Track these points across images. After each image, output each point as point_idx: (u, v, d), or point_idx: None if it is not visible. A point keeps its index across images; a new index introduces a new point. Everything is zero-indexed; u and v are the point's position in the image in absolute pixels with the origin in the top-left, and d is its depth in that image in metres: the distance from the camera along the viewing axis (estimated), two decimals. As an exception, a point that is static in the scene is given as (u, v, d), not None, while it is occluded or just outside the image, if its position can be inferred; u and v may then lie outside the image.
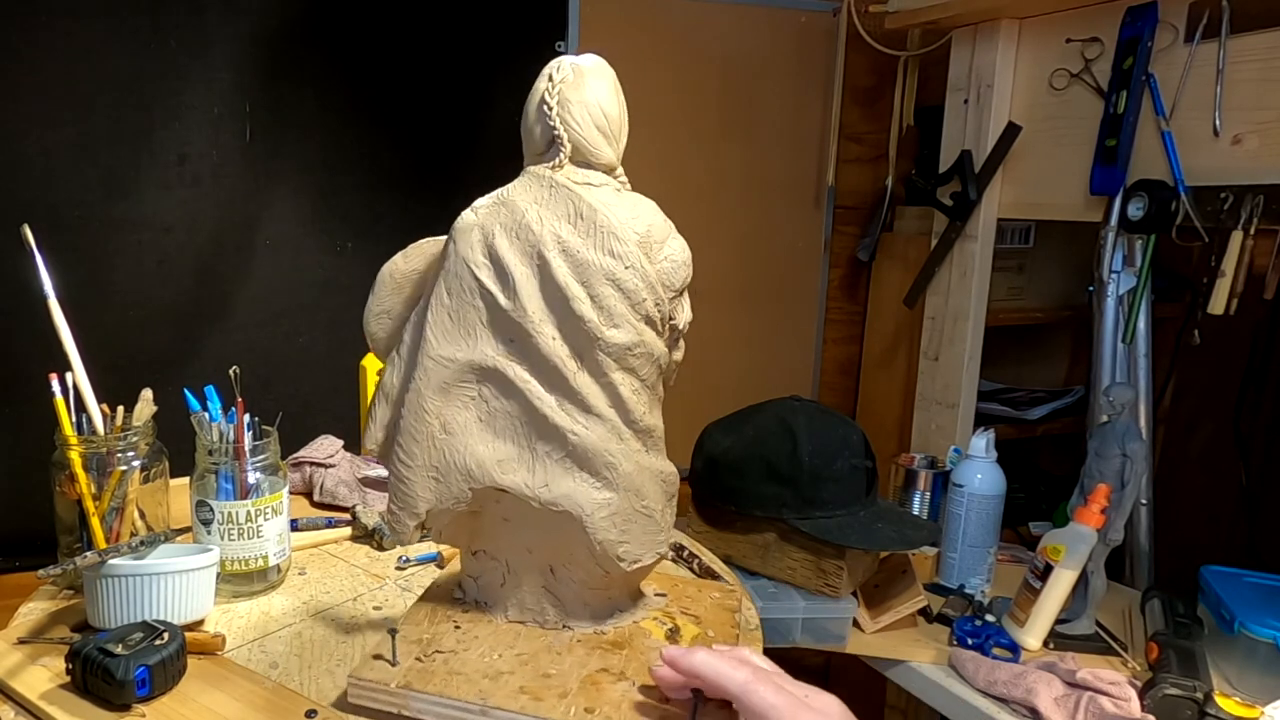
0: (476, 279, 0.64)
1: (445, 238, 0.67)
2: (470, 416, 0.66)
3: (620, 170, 0.69)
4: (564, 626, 0.71)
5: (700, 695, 0.58)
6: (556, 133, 0.64)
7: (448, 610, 0.72)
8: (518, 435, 0.66)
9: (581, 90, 0.65)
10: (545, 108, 0.64)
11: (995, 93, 1.44)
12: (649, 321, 0.65)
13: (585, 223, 0.63)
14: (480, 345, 0.65)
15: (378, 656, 0.65)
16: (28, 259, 0.83)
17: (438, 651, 0.66)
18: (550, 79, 0.65)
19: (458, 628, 0.70)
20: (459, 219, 0.66)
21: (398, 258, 0.70)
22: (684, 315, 0.72)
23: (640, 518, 0.66)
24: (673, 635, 0.72)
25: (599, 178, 0.67)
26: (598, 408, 0.64)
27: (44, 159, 1.24)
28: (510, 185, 0.66)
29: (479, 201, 0.66)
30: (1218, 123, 1.15)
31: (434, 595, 0.75)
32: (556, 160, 0.65)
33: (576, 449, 0.64)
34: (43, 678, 0.69)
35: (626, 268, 0.63)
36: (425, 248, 0.70)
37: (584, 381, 0.64)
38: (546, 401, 0.64)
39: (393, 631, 0.65)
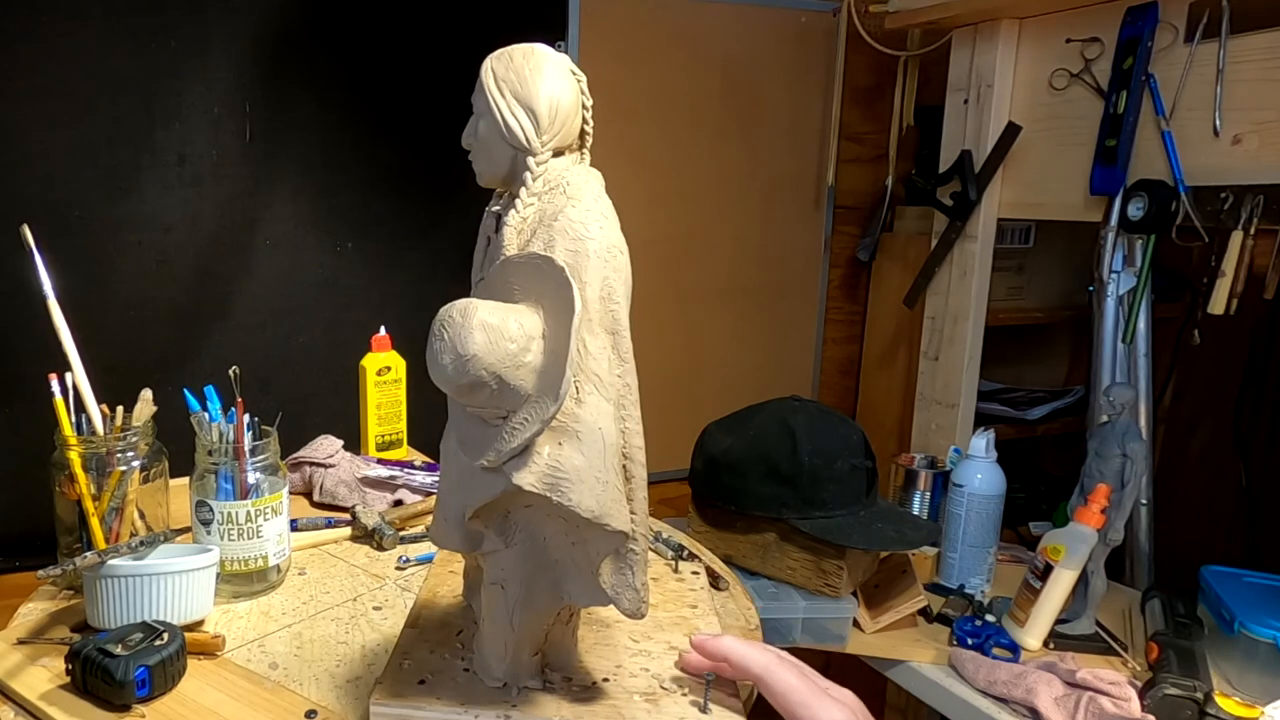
0: (610, 288, 0.59)
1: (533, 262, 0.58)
2: None
3: None
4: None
5: (712, 678, 0.61)
6: (588, 130, 0.64)
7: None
8: None
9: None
10: (585, 100, 0.62)
11: (995, 93, 1.44)
12: None
13: (612, 222, 0.64)
14: (612, 356, 0.59)
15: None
16: (28, 259, 0.83)
17: (621, 676, 0.63)
18: (575, 75, 0.63)
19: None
20: (596, 232, 0.58)
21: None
22: None
23: None
24: None
25: None
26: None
27: (44, 159, 1.23)
28: (589, 184, 0.62)
29: (589, 212, 0.59)
30: (1218, 123, 1.15)
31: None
32: (584, 159, 0.64)
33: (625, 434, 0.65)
34: (43, 678, 0.69)
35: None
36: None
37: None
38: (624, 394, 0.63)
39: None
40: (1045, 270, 1.74)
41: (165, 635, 0.68)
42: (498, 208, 0.64)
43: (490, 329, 0.52)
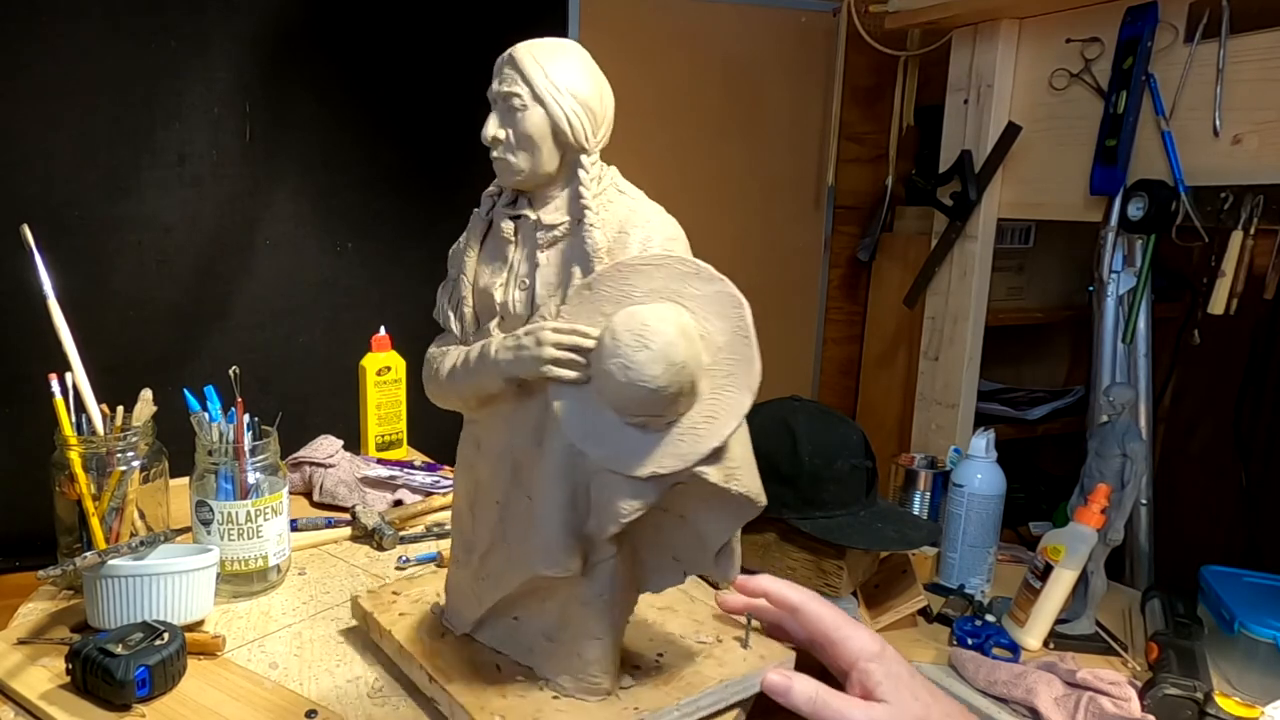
0: None
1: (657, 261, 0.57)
2: None
3: None
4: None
5: (751, 617, 0.66)
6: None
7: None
8: None
9: None
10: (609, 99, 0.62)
11: (995, 93, 1.44)
12: None
13: None
14: None
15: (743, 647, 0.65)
16: (28, 259, 0.83)
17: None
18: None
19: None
20: (676, 230, 0.59)
21: None
22: None
23: None
24: None
25: None
26: None
27: (44, 159, 1.24)
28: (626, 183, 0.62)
29: (662, 211, 0.59)
30: (1218, 123, 1.15)
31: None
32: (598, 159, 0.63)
33: None
34: (43, 678, 0.69)
35: None
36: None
37: None
38: None
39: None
40: (1045, 270, 1.74)
41: (165, 635, 0.68)
42: (506, 206, 0.63)
43: (688, 335, 0.51)
